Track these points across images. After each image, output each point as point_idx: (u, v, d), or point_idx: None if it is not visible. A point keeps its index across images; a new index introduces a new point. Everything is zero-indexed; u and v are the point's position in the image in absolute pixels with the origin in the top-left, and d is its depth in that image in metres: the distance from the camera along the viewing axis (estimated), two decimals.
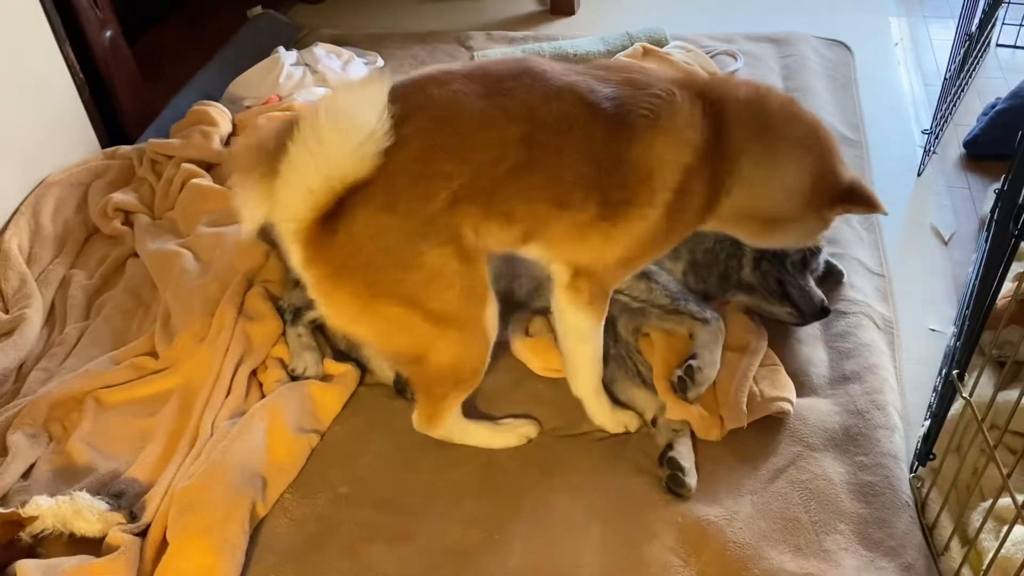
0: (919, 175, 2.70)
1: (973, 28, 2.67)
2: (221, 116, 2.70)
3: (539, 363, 1.98)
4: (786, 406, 1.83)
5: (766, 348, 1.95)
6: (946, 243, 2.43)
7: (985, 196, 2.56)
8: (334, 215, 1.45)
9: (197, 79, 3.09)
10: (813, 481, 1.74)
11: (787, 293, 2.01)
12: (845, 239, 2.36)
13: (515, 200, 1.53)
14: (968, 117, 2.88)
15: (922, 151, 2.74)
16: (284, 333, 2.04)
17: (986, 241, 1.86)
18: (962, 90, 2.96)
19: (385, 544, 1.66)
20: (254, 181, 1.44)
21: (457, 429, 1.81)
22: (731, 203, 1.69)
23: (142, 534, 1.63)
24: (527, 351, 1.99)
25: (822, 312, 2.00)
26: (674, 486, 1.72)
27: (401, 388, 1.96)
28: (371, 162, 1.41)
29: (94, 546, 1.61)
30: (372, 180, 1.43)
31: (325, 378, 1.96)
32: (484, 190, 1.50)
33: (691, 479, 1.73)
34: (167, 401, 1.92)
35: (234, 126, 2.72)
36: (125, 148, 2.69)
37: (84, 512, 1.60)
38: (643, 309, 1.97)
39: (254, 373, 1.98)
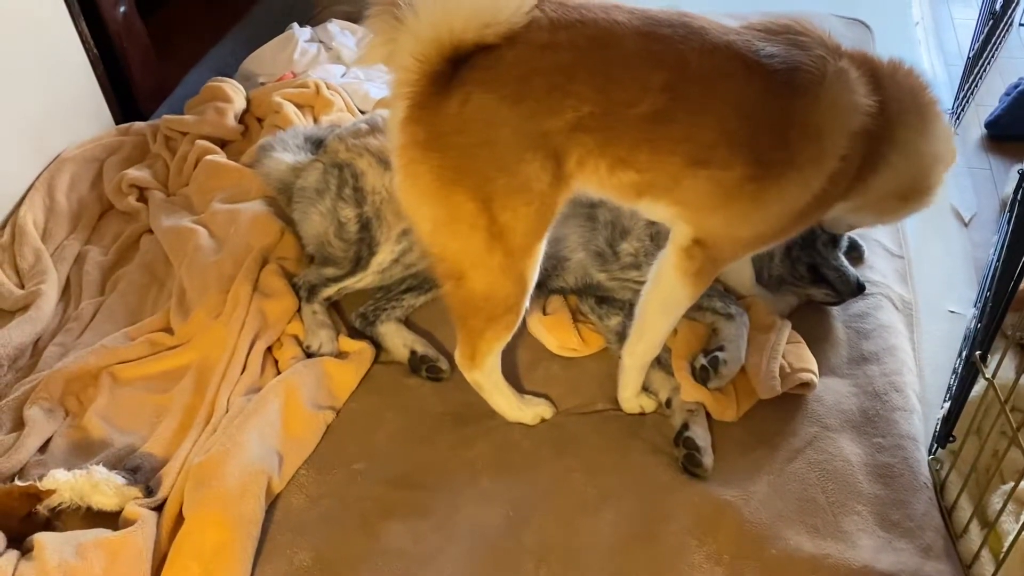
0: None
1: (997, 7, 2.63)
2: (235, 92, 2.68)
3: (555, 341, 1.97)
4: (812, 378, 1.82)
5: (790, 326, 1.93)
6: (966, 224, 2.40)
7: (1007, 177, 2.53)
8: (450, 87, 1.41)
9: (211, 56, 3.08)
10: (830, 462, 1.73)
11: (822, 276, 1.99)
12: None
13: (641, 148, 1.46)
14: (990, 98, 2.85)
15: (954, 108, 2.70)
16: (299, 310, 2.04)
17: (1008, 222, 1.84)
18: (984, 70, 2.92)
19: (400, 520, 1.66)
20: (388, 15, 1.40)
21: (492, 380, 1.78)
22: (882, 178, 1.64)
23: (158, 509, 1.64)
24: (543, 329, 1.98)
25: (859, 289, 1.99)
26: (690, 466, 1.72)
27: (416, 366, 1.95)
28: (518, 18, 1.38)
29: (111, 520, 1.62)
30: (505, 69, 1.40)
31: (340, 355, 1.95)
32: (609, 128, 1.44)
33: (707, 459, 1.72)
34: (182, 377, 1.92)
35: (248, 103, 2.71)
36: (139, 124, 2.68)
37: (101, 486, 1.61)
38: None
39: (269, 350, 1.97)
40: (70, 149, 2.50)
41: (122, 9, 2.68)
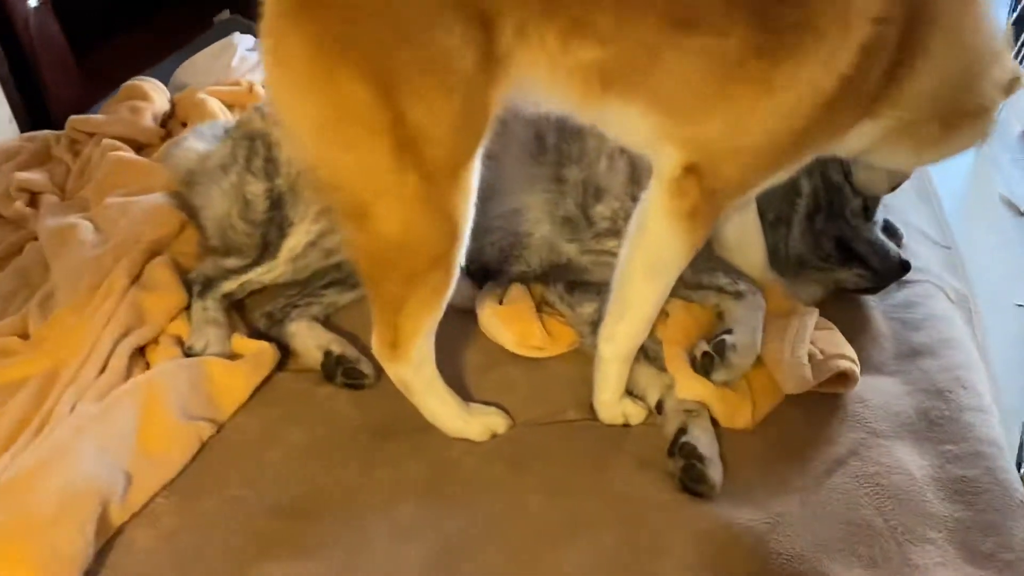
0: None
1: None
2: (156, 92, 2.32)
3: (513, 337, 1.51)
4: (852, 367, 1.36)
5: (817, 312, 1.48)
6: (1022, 213, 1.99)
7: None
8: None
9: (144, 73, 2.75)
10: (885, 475, 1.25)
11: (853, 252, 1.55)
12: (899, 205, 1.90)
13: (603, 2, 1.06)
14: None
15: None
16: (189, 308, 1.61)
17: None
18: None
19: (283, 560, 1.18)
20: None
21: (423, 377, 1.33)
22: (920, 80, 1.21)
23: None
24: (498, 322, 1.53)
25: (901, 268, 1.54)
26: (691, 481, 1.24)
27: (331, 370, 1.50)
28: None
29: None
30: None
31: (232, 357, 1.50)
32: None
33: (714, 471, 1.25)
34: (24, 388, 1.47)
35: (172, 106, 2.35)
36: (45, 132, 2.31)
37: None
38: None
39: (143, 352, 1.53)
40: None
41: (31, 3, 2.36)
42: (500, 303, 1.57)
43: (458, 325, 1.56)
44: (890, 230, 1.72)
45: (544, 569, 1.15)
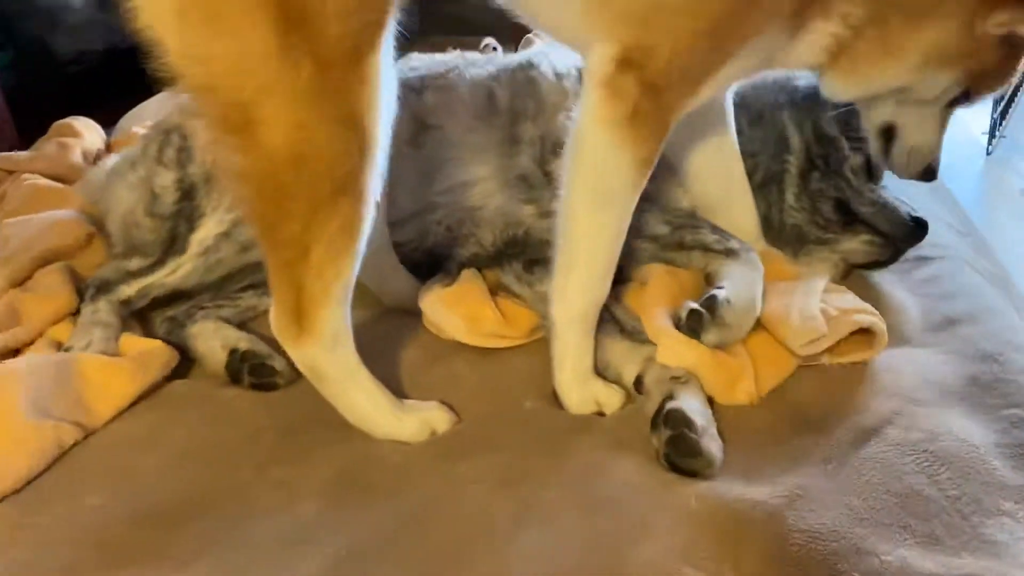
0: (988, 154, 2.06)
1: None
2: (87, 129, 2.14)
3: (461, 324, 1.23)
4: (876, 322, 1.09)
5: (827, 276, 1.22)
6: None
7: None
8: None
9: None
10: (935, 440, 0.96)
11: (856, 215, 1.31)
12: (912, 198, 1.66)
13: None
14: None
15: (988, 135, 2.13)
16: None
17: None
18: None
19: (134, 574, 0.87)
20: None
21: (339, 361, 1.04)
22: None
23: None
24: (443, 307, 1.26)
25: (917, 228, 1.29)
26: (681, 456, 0.94)
27: (236, 369, 1.23)
28: None
29: None
30: None
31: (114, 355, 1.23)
32: None
33: (710, 442, 0.96)
34: None
35: (108, 146, 2.16)
36: None
37: None
38: (626, 244, 1.27)
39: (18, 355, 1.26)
40: None
41: None
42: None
43: (395, 325, 1.31)
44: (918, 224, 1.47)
45: (484, 566, 0.83)
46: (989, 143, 2.11)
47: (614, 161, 1.00)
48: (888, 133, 1.22)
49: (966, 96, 1.15)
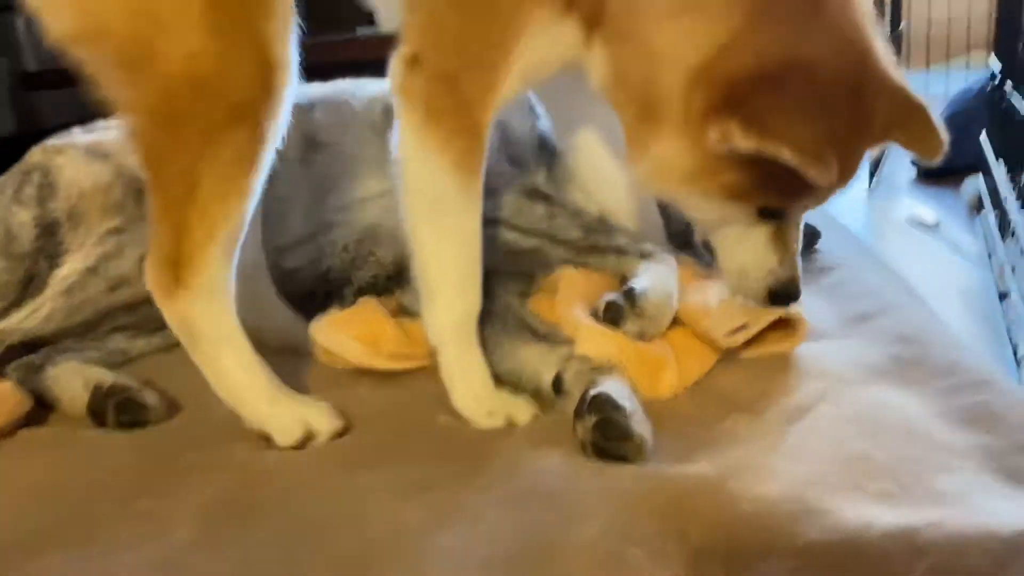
0: (870, 193, 2.15)
1: None
2: None
3: (357, 347, 1.12)
4: (798, 313, 1.06)
5: None
6: (936, 226, 1.82)
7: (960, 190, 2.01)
8: None
9: None
10: (871, 411, 0.91)
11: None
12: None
13: None
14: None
15: (868, 177, 2.22)
16: None
17: None
18: None
19: None
20: None
21: (216, 317, 0.95)
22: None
23: None
24: (334, 330, 1.15)
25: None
26: (610, 440, 0.86)
27: (99, 406, 1.07)
28: None
29: None
30: None
31: None
32: None
33: (639, 425, 0.87)
34: None
35: None
36: None
37: None
38: (538, 250, 1.21)
39: None
40: None
41: None
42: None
43: (282, 360, 1.19)
44: (810, 232, 1.47)
45: (396, 570, 0.71)
46: (870, 183, 2.20)
47: (428, 168, 0.95)
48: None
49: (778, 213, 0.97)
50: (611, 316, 1.02)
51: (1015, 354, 1.39)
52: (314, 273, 1.27)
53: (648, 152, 0.92)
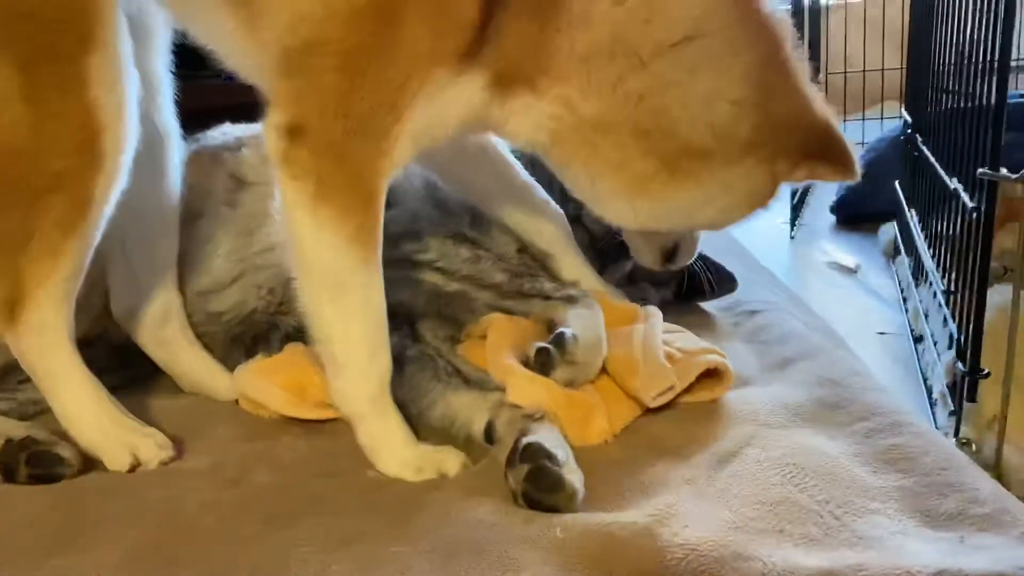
0: (792, 238, 2.21)
1: None
2: None
3: (283, 394, 1.10)
4: (723, 362, 1.07)
5: (661, 314, 1.19)
6: (855, 271, 1.88)
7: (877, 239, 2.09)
8: None
9: None
10: (795, 455, 0.92)
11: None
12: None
13: None
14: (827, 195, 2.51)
15: (789, 223, 2.29)
16: None
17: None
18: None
19: None
20: None
21: (49, 353, 0.99)
22: (566, 51, 0.92)
23: None
24: (261, 379, 1.13)
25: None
26: (542, 491, 0.85)
27: (11, 460, 1.01)
28: None
29: None
30: None
31: None
32: None
33: (571, 474, 0.87)
34: None
35: None
36: None
37: None
38: (463, 294, 1.20)
39: None
40: None
41: None
42: None
43: (205, 408, 1.17)
44: (725, 277, 1.51)
45: None
46: (792, 230, 2.26)
47: (323, 245, 0.92)
48: None
49: None
50: (541, 362, 1.02)
51: (929, 396, 1.44)
52: (239, 317, 1.25)
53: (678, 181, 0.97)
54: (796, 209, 2.35)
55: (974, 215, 1.31)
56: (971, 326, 1.27)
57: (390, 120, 0.90)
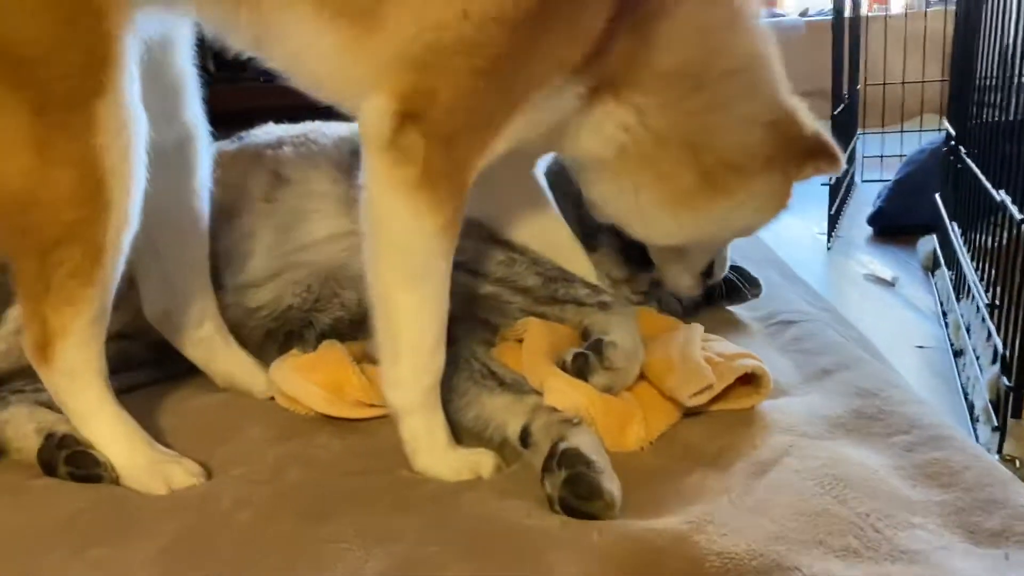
0: (829, 249, 2.18)
1: None
2: None
3: (320, 391, 1.11)
4: (762, 367, 1.06)
5: (701, 326, 1.19)
6: (892, 283, 1.85)
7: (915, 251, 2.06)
8: None
9: None
10: (835, 466, 0.91)
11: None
12: (766, 280, 1.68)
13: None
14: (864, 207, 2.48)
15: (826, 234, 2.27)
16: None
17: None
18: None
19: None
20: None
21: (80, 392, 0.99)
22: (654, 67, 0.97)
23: None
24: (297, 376, 1.13)
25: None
26: (580, 498, 0.85)
27: (50, 457, 1.03)
28: None
29: None
30: None
31: None
32: None
33: (609, 482, 0.87)
34: None
35: None
36: None
37: None
38: (496, 297, 1.20)
39: None
40: None
41: None
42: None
43: (239, 405, 1.17)
44: (749, 280, 1.48)
45: None
46: (828, 240, 2.24)
47: (416, 233, 0.92)
48: None
49: None
50: (579, 368, 1.02)
51: (971, 411, 1.42)
52: (275, 313, 1.25)
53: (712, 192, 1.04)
54: (833, 220, 2.32)
55: (1022, 227, 1.30)
56: (1017, 340, 1.25)
57: (502, 119, 0.92)
